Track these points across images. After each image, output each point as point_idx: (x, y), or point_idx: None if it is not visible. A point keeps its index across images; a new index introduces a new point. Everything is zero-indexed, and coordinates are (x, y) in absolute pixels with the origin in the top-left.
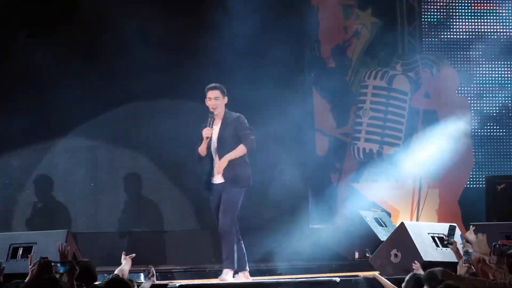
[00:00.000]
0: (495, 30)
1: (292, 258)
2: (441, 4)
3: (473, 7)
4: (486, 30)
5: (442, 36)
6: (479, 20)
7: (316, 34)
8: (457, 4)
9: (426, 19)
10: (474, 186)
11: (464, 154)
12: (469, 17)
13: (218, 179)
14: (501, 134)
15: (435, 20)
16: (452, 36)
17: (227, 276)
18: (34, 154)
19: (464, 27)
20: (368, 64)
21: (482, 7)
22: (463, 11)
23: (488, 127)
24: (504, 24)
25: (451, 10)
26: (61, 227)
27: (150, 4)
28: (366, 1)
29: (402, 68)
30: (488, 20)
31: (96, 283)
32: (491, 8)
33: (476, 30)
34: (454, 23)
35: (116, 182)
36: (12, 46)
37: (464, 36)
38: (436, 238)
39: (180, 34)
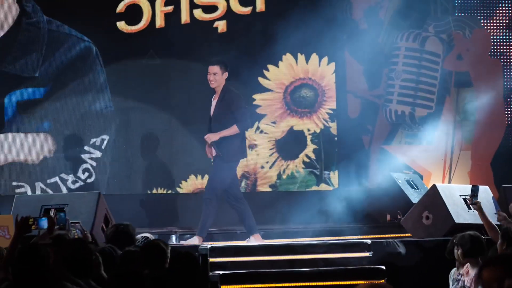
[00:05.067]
0: None
1: (322, 220)
2: None
3: None
4: None
5: None
6: None
7: None
8: None
9: None
10: (507, 148)
11: (496, 116)
12: None
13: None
14: None
15: None
16: None
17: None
18: None
19: None
20: (400, 26)
21: None
22: None
23: None
24: None
25: None
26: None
27: None
28: None
29: (435, 30)
30: None
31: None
32: None
33: None
34: None
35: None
36: None
37: None
38: (467, 200)
39: None
